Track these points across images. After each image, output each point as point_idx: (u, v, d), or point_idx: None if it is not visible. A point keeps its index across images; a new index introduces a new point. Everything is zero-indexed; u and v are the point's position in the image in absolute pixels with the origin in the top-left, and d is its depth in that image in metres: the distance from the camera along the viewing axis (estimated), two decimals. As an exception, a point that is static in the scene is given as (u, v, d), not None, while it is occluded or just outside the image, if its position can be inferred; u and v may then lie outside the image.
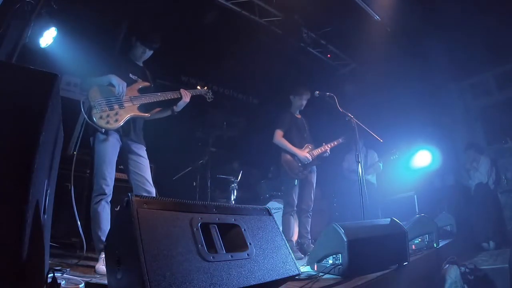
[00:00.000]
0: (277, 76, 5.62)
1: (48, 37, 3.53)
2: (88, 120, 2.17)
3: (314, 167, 3.59)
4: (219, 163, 4.70)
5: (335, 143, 3.64)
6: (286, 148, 3.45)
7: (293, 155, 3.44)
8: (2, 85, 0.92)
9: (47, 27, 3.49)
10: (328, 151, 3.57)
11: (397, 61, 5.54)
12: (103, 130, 2.20)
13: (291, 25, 5.01)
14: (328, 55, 5.81)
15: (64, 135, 1.59)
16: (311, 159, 3.44)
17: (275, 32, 5.04)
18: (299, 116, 3.72)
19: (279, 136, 3.49)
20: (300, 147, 3.51)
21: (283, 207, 3.52)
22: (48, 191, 1.21)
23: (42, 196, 1.10)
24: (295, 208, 3.43)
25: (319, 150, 3.54)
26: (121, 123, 2.26)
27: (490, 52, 5.16)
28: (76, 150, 2.90)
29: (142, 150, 2.46)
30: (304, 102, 3.66)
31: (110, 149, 2.27)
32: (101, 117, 2.18)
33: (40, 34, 3.46)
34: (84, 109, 2.19)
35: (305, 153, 3.44)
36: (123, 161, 2.42)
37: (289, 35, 5.14)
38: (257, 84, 5.74)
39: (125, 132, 2.36)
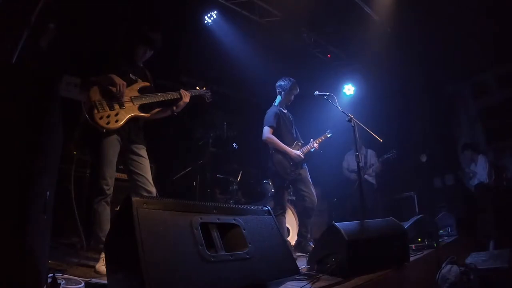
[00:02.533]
0: (277, 76, 5.61)
1: (48, 37, 3.53)
2: (89, 120, 2.16)
3: (305, 164, 3.46)
4: (219, 163, 4.70)
5: (322, 138, 3.52)
6: (277, 146, 3.32)
7: (284, 154, 3.31)
8: (2, 85, 0.92)
9: (47, 27, 3.49)
10: (317, 147, 3.44)
11: (397, 61, 5.54)
12: (104, 130, 2.19)
13: (291, 25, 5.01)
14: (328, 55, 5.81)
15: (65, 135, 1.59)
16: (303, 157, 3.32)
17: (275, 32, 5.04)
18: (285, 111, 3.60)
19: (269, 134, 3.34)
20: (291, 144, 3.41)
21: (273, 209, 3.26)
22: (48, 191, 1.21)
23: (42, 196, 1.10)
24: (285, 209, 3.37)
25: (309, 147, 3.42)
26: (122, 123, 2.26)
27: (490, 52, 5.16)
28: (76, 150, 2.90)
29: (142, 150, 2.45)
30: (292, 98, 3.56)
31: (110, 149, 2.26)
32: (101, 117, 2.18)
33: (40, 34, 3.46)
34: (85, 109, 2.18)
35: (297, 152, 3.32)
36: (124, 161, 2.42)
37: (289, 35, 5.14)
38: (257, 84, 5.74)
39: (125, 132, 2.35)
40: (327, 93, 3.30)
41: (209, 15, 4.95)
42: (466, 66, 5.56)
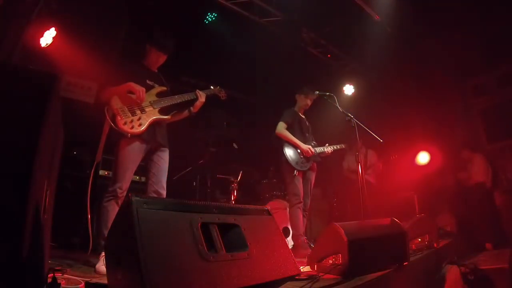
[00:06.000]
0: (277, 76, 5.63)
1: (48, 37, 3.54)
2: (114, 127, 2.23)
3: (315, 165, 3.55)
4: (219, 163, 4.69)
5: (338, 147, 3.64)
6: (289, 138, 3.40)
7: (295, 146, 3.40)
8: (2, 85, 0.92)
9: (47, 27, 3.49)
10: (329, 153, 3.57)
11: (397, 61, 5.54)
12: (129, 135, 2.27)
13: (291, 25, 5.01)
14: (328, 55, 5.81)
15: (65, 135, 1.59)
16: (314, 152, 3.40)
17: (275, 32, 5.04)
18: (303, 116, 3.69)
19: (282, 128, 3.45)
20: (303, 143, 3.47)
21: (290, 200, 3.41)
22: (48, 191, 1.21)
23: (42, 196, 1.10)
24: (302, 200, 3.32)
25: (322, 148, 3.52)
26: (145, 127, 2.34)
27: (490, 52, 5.16)
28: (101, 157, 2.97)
29: (164, 153, 2.54)
30: (309, 102, 3.64)
31: (130, 156, 2.33)
32: (125, 123, 2.26)
33: (40, 34, 3.46)
34: (108, 117, 2.26)
35: (308, 146, 3.40)
36: (145, 162, 2.51)
37: (289, 35, 5.14)
38: (257, 84, 5.74)
39: (150, 135, 2.42)
40: (327, 93, 3.32)
41: (209, 15, 4.95)
42: (466, 66, 5.56)
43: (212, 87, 2.91)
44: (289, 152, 3.39)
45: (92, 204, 2.60)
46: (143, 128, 2.32)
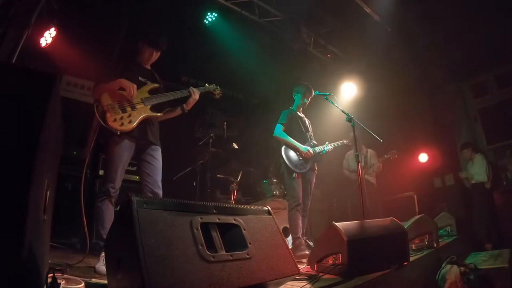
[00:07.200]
0: (277, 76, 5.63)
1: (48, 37, 3.54)
2: (103, 124, 2.19)
3: (315, 166, 3.52)
4: (219, 163, 4.70)
5: (339, 143, 3.61)
6: (287, 141, 3.38)
7: (294, 149, 3.38)
8: (2, 85, 0.92)
9: (47, 27, 3.49)
10: (330, 150, 3.54)
11: (396, 61, 5.54)
12: (118, 132, 2.23)
13: (291, 25, 5.02)
14: (328, 55, 5.81)
15: (65, 135, 1.59)
16: (313, 153, 3.37)
17: (275, 32, 5.04)
18: (301, 115, 3.67)
19: (279, 130, 3.43)
20: (302, 143, 3.45)
21: (288, 203, 3.39)
22: (48, 191, 1.21)
23: (42, 196, 1.10)
24: (300, 202, 3.29)
25: (321, 147, 3.49)
26: (135, 124, 2.30)
27: (490, 52, 5.16)
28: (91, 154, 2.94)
29: (157, 152, 2.49)
30: (307, 101, 3.61)
31: (123, 153, 2.30)
32: (115, 120, 2.22)
33: (40, 34, 3.47)
34: (97, 114, 2.22)
35: (306, 147, 3.37)
36: (137, 162, 2.48)
37: (289, 35, 5.15)
38: (257, 84, 5.74)
39: (141, 133, 2.39)
40: (327, 93, 3.32)
41: (209, 14, 4.96)
42: (466, 66, 5.56)
43: (207, 84, 2.88)
44: (287, 155, 3.37)
45: (93, 203, 2.59)
46: (133, 125, 2.28)
